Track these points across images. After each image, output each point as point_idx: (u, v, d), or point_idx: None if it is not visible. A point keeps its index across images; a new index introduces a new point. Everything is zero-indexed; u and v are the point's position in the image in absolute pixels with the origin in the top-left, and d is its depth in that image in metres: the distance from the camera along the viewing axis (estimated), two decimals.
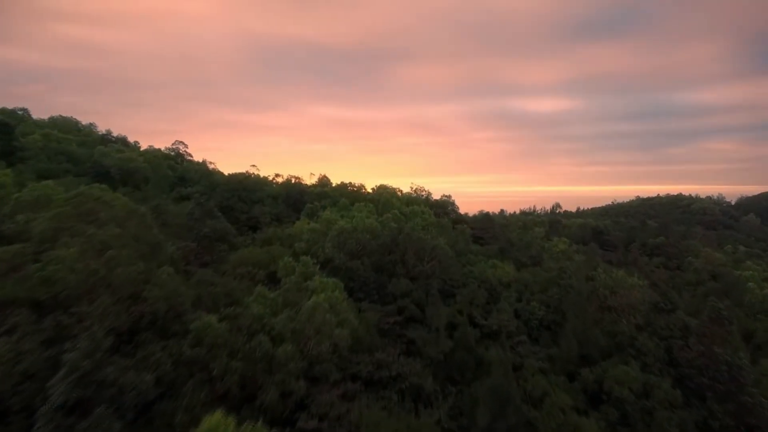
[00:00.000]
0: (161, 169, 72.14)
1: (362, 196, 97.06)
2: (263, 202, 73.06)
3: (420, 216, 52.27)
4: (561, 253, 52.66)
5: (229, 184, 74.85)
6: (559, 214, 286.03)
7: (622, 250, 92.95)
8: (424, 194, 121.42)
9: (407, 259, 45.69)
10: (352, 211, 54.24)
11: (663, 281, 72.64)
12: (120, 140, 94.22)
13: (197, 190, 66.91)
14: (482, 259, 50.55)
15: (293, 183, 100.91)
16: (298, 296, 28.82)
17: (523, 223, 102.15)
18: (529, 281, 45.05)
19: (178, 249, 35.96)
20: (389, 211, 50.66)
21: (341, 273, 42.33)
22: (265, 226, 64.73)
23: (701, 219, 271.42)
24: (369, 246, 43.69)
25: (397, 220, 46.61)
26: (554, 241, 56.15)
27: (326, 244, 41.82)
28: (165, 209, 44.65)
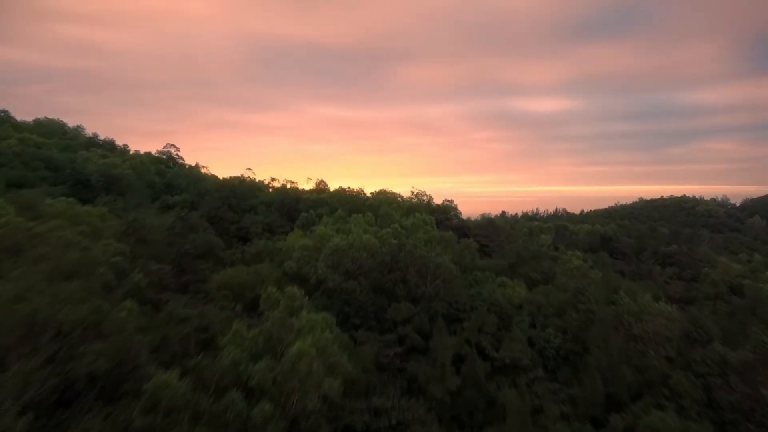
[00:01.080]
0: (147, 175, 68.00)
1: (361, 202, 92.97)
2: (256, 210, 68.90)
3: (422, 229, 48.08)
4: (575, 269, 48.54)
5: (220, 191, 70.71)
6: (562, 216, 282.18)
7: (634, 260, 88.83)
8: (425, 198, 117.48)
9: (408, 279, 41.54)
10: (348, 222, 50.07)
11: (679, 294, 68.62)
12: (107, 144, 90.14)
13: (184, 199, 62.82)
14: (490, 277, 46.37)
15: (289, 189, 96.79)
16: (283, 333, 24.65)
17: (529, 230, 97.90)
18: (542, 303, 40.89)
19: (148, 274, 31.75)
20: (389, 224, 46.51)
21: (335, 295, 38.25)
22: (257, 238, 60.55)
23: (706, 221, 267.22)
24: (366, 265, 39.55)
25: (398, 235, 42.43)
26: (567, 255, 52.06)
27: (319, 264, 37.66)
28: (142, 224, 40.38)
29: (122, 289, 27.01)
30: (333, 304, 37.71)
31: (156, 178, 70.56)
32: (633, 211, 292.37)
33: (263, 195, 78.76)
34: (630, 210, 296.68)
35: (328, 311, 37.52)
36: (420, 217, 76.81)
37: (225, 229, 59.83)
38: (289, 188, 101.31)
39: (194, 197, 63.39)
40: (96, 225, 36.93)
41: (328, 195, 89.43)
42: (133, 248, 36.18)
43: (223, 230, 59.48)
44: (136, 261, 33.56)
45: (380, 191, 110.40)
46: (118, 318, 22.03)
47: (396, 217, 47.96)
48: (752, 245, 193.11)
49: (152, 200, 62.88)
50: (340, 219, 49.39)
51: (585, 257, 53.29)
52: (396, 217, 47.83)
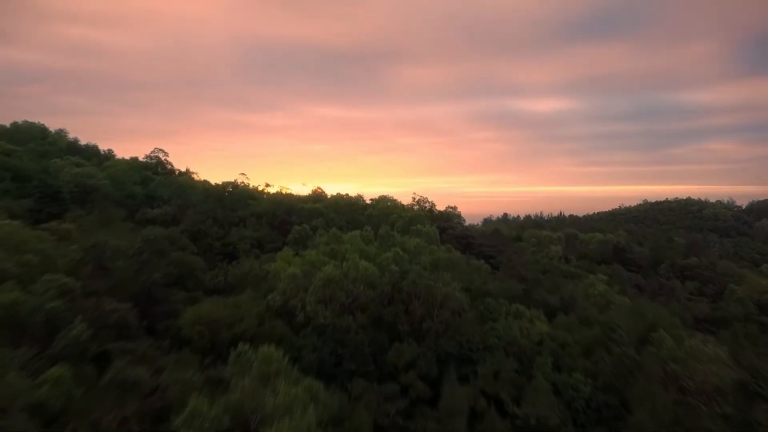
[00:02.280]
0: (126, 186, 62.55)
1: (359, 211, 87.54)
2: (245, 222, 63.52)
3: (427, 249, 42.64)
4: (600, 296, 43.12)
5: (206, 202, 65.38)
6: (567, 220, 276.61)
7: (651, 273, 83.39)
8: (427, 205, 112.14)
9: (412, 311, 36.13)
10: (344, 242, 44.57)
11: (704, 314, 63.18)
12: (89, 149, 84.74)
13: (165, 212, 57.42)
14: (503, 304, 40.91)
15: (282, 197, 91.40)
16: (254, 407, 19.25)
17: (537, 240, 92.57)
18: (566, 340, 35.46)
19: (100, 317, 26.27)
20: (389, 244, 41.02)
21: (327, 333, 32.82)
22: (244, 255, 55.18)
23: (713, 225, 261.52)
24: (364, 296, 34.12)
25: (399, 260, 37.00)
26: (589, 278, 46.65)
27: (308, 297, 32.24)
28: (103, 249, 34.88)
29: (57, 347, 21.62)
30: (324, 345, 32.34)
31: (137, 189, 65.15)
32: (638, 214, 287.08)
33: (254, 205, 73.37)
34: (635, 213, 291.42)
35: (317, 353, 32.57)
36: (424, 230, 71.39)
37: (209, 246, 54.48)
38: (284, 196, 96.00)
39: (177, 210, 57.99)
40: (47, 253, 31.56)
41: (324, 203, 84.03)
42: (89, 281, 30.75)
43: (207, 247, 54.14)
44: (88, 299, 28.12)
45: (380, 198, 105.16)
46: (37, 396, 16.63)
47: (397, 238, 42.44)
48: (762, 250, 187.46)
49: (131, 213, 57.53)
50: (335, 238, 43.92)
51: (612, 284, 47.76)
52: (397, 239, 42.31)
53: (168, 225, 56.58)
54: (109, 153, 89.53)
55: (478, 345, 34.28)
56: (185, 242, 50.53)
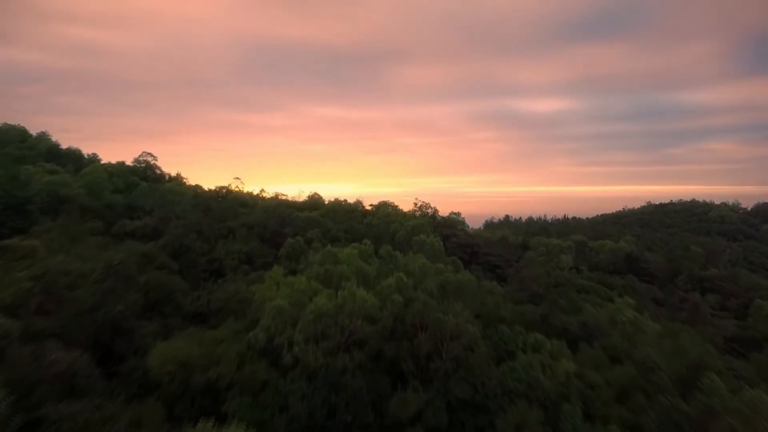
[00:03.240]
0: (104, 195, 57.64)
1: (358, 219, 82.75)
2: (234, 234, 58.64)
3: (433, 269, 37.75)
4: (629, 323, 38.26)
5: (193, 211, 60.50)
6: (571, 220, 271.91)
7: (667, 285, 78.59)
8: (429, 211, 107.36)
9: (418, 348, 31.28)
10: (342, 258, 39.65)
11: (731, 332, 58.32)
12: (71, 154, 79.81)
13: (146, 224, 52.50)
14: (520, 333, 36.05)
15: (278, 202, 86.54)
16: None
17: (546, 249, 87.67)
18: (596, 382, 30.65)
19: (27, 379, 21.33)
20: (391, 268, 36.09)
21: (319, 378, 27.95)
22: (231, 272, 50.35)
23: (720, 228, 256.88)
24: (362, 332, 29.25)
25: (403, 287, 32.12)
26: (616, 302, 41.77)
27: (297, 335, 27.36)
28: (56, 277, 29.95)
29: None
30: (315, 391, 27.46)
31: (117, 198, 60.25)
32: (643, 216, 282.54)
33: (246, 213, 68.56)
34: (639, 216, 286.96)
35: (306, 401, 27.71)
36: (428, 241, 66.52)
37: (192, 263, 49.59)
38: (279, 202, 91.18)
39: (158, 222, 53.10)
40: None
41: (321, 211, 79.19)
42: (33, 319, 25.87)
43: (190, 263, 49.27)
44: (27, 345, 23.22)
45: (380, 204, 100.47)
46: None
47: (400, 259, 37.48)
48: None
49: (108, 225, 52.63)
50: (330, 257, 39.06)
51: (642, 309, 42.83)
52: (400, 260, 37.37)
53: (148, 239, 51.84)
54: (93, 157, 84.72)
55: (494, 389, 29.39)
56: (165, 260, 45.77)
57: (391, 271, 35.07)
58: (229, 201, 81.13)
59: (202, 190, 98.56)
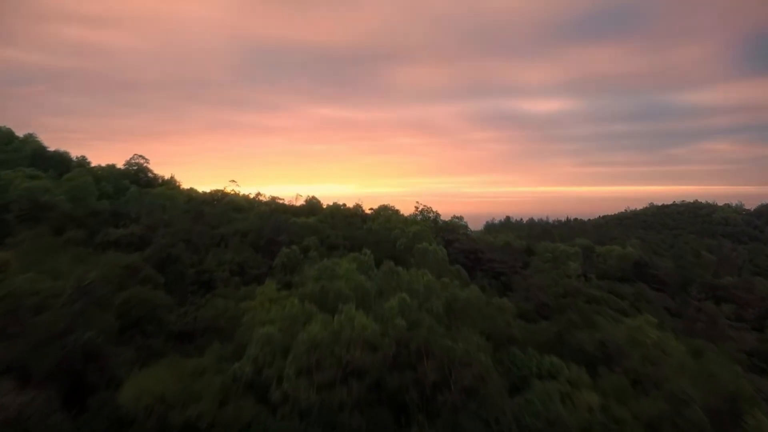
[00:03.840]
0: (88, 201, 54.48)
1: (357, 225, 79.66)
2: (226, 242, 55.49)
3: (438, 286, 34.63)
4: (651, 343, 35.09)
5: (184, 218, 57.33)
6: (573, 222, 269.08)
7: (679, 293, 75.50)
8: (431, 215, 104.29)
9: (423, 374, 28.15)
10: (339, 272, 36.53)
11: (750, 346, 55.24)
12: (57, 157, 76.59)
13: (131, 233, 49.31)
14: (533, 356, 32.96)
15: (273, 208, 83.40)
16: None
17: (553, 255, 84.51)
18: (622, 416, 27.56)
19: None
20: (393, 287, 32.89)
21: (312, 415, 24.83)
22: (222, 285, 47.23)
23: (725, 230, 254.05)
24: (361, 361, 26.12)
25: (406, 308, 29.00)
26: (637, 320, 38.61)
27: (288, 369, 24.23)
28: (22, 301, 26.78)
29: None
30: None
31: (104, 204, 57.07)
32: (646, 218, 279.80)
33: (240, 219, 65.40)
34: (642, 217, 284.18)
35: None
36: (431, 249, 63.47)
37: (180, 275, 46.43)
38: (276, 206, 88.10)
39: (145, 230, 49.93)
40: None
41: (319, 216, 76.08)
42: None
43: (178, 275, 46.12)
44: None
45: (381, 208, 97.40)
46: None
47: (403, 276, 34.28)
48: None
49: (92, 234, 49.47)
50: (326, 272, 35.95)
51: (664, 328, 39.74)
52: (403, 277, 34.17)
53: (133, 248, 48.69)
54: (82, 160, 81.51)
55: (509, 425, 26.26)
56: (149, 272, 42.61)
57: (393, 289, 31.94)
58: (223, 206, 78.04)
59: (197, 193, 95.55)
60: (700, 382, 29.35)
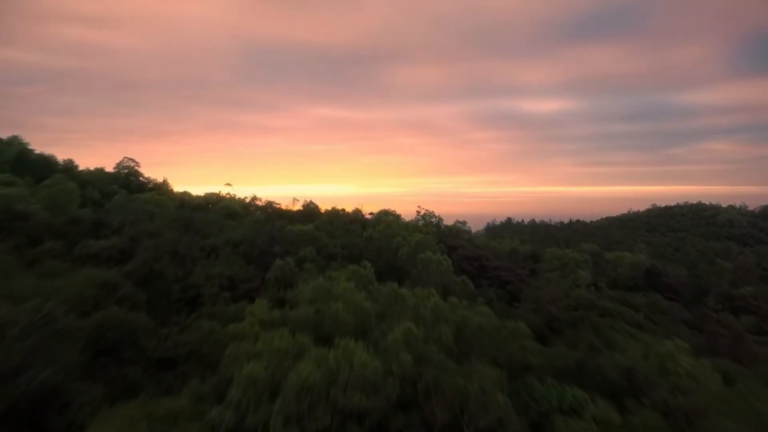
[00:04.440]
0: (68, 210, 50.86)
1: (356, 233, 76.12)
2: (216, 253, 51.90)
3: (447, 308, 31.03)
4: (685, 373, 31.57)
5: (172, 227, 53.70)
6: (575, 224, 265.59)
7: (694, 303, 71.99)
8: (434, 220, 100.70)
9: (432, 416, 24.62)
10: (336, 291, 32.94)
11: None
12: (42, 161, 72.92)
13: (113, 245, 45.70)
14: (552, 387, 29.41)
15: (268, 216, 79.78)
16: None
17: (560, 263, 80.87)
18: None
19: None
20: (397, 312, 29.26)
21: None
22: (210, 301, 43.65)
23: (730, 232, 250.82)
24: (361, 405, 22.52)
25: (413, 340, 25.41)
26: (666, 345, 35.04)
27: (274, 419, 20.63)
28: None
29: None
30: None
31: (86, 213, 53.42)
32: (649, 220, 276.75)
33: (233, 227, 61.82)
34: (645, 219, 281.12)
35: None
36: (434, 259, 60.11)
37: (164, 291, 42.83)
38: (270, 213, 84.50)
39: (128, 241, 46.33)
40: None
41: (317, 223, 72.47)
42: None
43: (162, 292, 42.52)
44: None
45: (381, 213, 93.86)
46: None
47: (408, 300, 30.61)
48: None
49: (71, 247, 45.87)
50: (322, 292, 32.37)
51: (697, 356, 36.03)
52: (408, 300, 30.51)
53: (114, 262, 45.13)
54: (69, 163, 77.87)
55: None
56: (129, 290, 39.03)
57: (396, 313, 28.34)
58: (216, 212, 74.45)
59: (190, 197, 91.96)
60: (739, 417, 25.81)
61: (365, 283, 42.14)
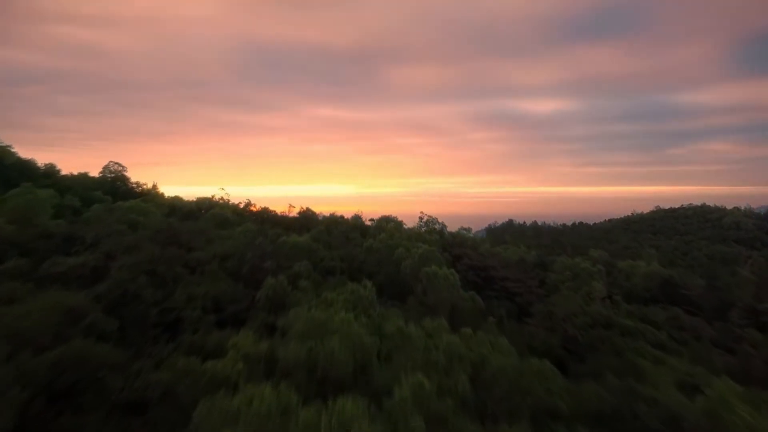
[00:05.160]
0: (38, 222, 46.19)
1: (356, 241, 71.57)
2: (202, 269, 47.30)
3: (462, 349, 26.42)
4: (743, 423, 27.06)
5: (154, 240, 49.02)
6: (579, 226, 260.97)
7: (718, 319, 67.46)
8: (437, 226, 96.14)
9: None
10: (332, 324, 28.38)
11: None
12: (18, 165, 68.19)
13: (84, 263, 41.06)
14: None
15: (263, 219, 75.17)
16: None
17: (572, 273, 76.31)
18: None
19: None
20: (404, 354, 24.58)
21: None
22: (191, 327, 39.00)
23: (736, 235, 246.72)
24: None
25: (423, 397, 20.81)
26: (715, 385, 30.60)
27: None
28: None
29: None
30: None
31: (60, 225, 48.73)
32: (653, 222, 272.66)
33: (222, 239, 57.19)
34: (650, 221, 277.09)
35: None
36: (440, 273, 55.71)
37: (140, 316, 38.17)
38: (265, 218, 79.89)
39: (101, 259, 41.69)
40: None
41: (314, 232, 67.83)
42: None
43: (137, 318, 37.85)
44: None
45: (381, 219, 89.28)
46: None
47: (415, 341, 25.98)
48: None
49: (36, 265, 41.23)
50: (315, 326, 27.79)
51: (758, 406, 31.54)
52: (416, 343, 25.88)
53: (86, 282, 40.51)
54: (50, 168, 73.22)
55: None
56: (97, 317, 34.40)
57: (403, 360, 23.73)
58: (207, 220, 69.81)
59: (181, 202, 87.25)
60: None
61: (365, 307, 37.67)
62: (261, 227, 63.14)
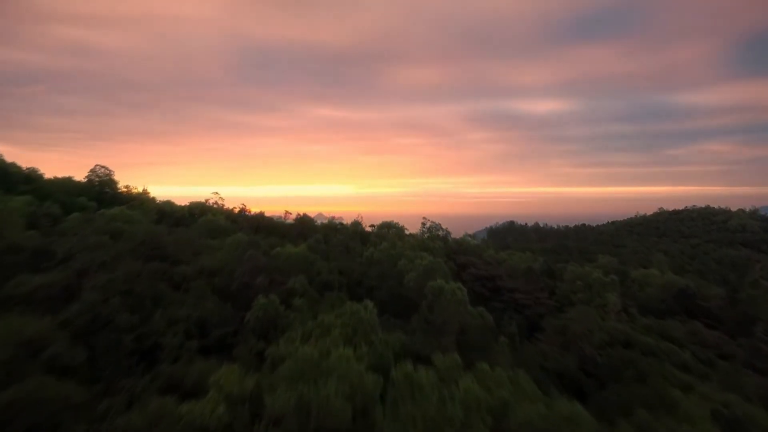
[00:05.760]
0: (6, 235, 42.03)
1: (356, 251, 67.43)
2: (187, 286, 43.19)
3: (479, 394, 22.32)
4: None
5: (136, 253, 44.87)
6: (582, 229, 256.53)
7: (737, 330, 63.48)
8: (441, 233, 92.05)
9: None
10: (329, 362, 24.34)
11: None
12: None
13: (52, 282, 36.89)
14: None
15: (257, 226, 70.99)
16: None
17: (584, 283, 72.20)
18: None
19: None
20: (412, 412, 20.51)
21: None
22: (170, 356, 34.84)
23: (742, 238, 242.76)
24: None
25: None
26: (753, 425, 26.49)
27: None
28: None
29: None
30: None
31: (31, 239, 44.55)
32: (658, 225, 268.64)
33: (211, 250, 53.04)
34: (654, 224, 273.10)
35: None
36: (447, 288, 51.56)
37: (114, 344, 33.99)
38: (258, 224, 75.71)
39: (72, 277, 37.53)
40: None
41: (309, 242, 63.72)
42: None
43: (109, 346, 33.66)
44: None
45: (382, 225, 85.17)
46: None
47: (426, 388, 21.84)
48: None
49: (4, 282, 37.07)
50: (307, 363, 23.71)
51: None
52: (426, 390, 21.76)
53: (56, 303, 36.36)
54: (32, 172, 69.09)
55: None
56: (60, 349, 30.23)
57: (412, 415, 19.63)
58: (197, 228, 65.64)
59: (172, 207, 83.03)
60: None
61: (366, 332, 33.61)
62: (254, 237, 58.96)
